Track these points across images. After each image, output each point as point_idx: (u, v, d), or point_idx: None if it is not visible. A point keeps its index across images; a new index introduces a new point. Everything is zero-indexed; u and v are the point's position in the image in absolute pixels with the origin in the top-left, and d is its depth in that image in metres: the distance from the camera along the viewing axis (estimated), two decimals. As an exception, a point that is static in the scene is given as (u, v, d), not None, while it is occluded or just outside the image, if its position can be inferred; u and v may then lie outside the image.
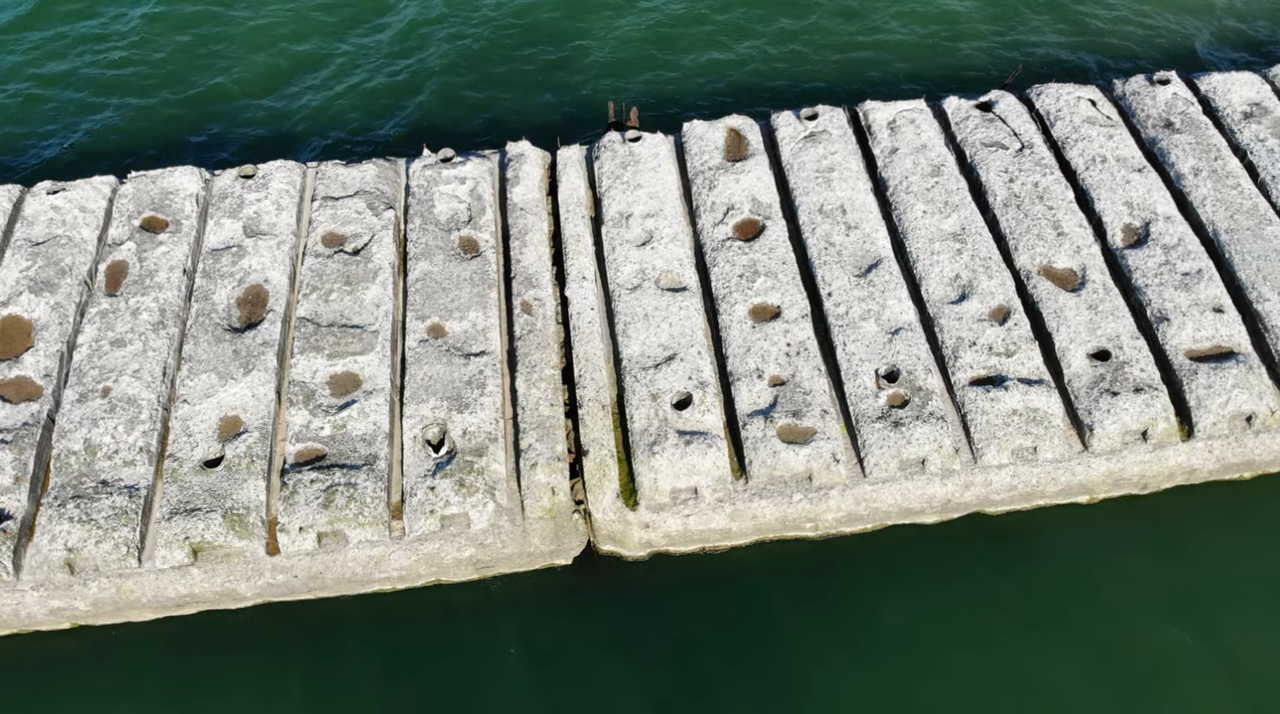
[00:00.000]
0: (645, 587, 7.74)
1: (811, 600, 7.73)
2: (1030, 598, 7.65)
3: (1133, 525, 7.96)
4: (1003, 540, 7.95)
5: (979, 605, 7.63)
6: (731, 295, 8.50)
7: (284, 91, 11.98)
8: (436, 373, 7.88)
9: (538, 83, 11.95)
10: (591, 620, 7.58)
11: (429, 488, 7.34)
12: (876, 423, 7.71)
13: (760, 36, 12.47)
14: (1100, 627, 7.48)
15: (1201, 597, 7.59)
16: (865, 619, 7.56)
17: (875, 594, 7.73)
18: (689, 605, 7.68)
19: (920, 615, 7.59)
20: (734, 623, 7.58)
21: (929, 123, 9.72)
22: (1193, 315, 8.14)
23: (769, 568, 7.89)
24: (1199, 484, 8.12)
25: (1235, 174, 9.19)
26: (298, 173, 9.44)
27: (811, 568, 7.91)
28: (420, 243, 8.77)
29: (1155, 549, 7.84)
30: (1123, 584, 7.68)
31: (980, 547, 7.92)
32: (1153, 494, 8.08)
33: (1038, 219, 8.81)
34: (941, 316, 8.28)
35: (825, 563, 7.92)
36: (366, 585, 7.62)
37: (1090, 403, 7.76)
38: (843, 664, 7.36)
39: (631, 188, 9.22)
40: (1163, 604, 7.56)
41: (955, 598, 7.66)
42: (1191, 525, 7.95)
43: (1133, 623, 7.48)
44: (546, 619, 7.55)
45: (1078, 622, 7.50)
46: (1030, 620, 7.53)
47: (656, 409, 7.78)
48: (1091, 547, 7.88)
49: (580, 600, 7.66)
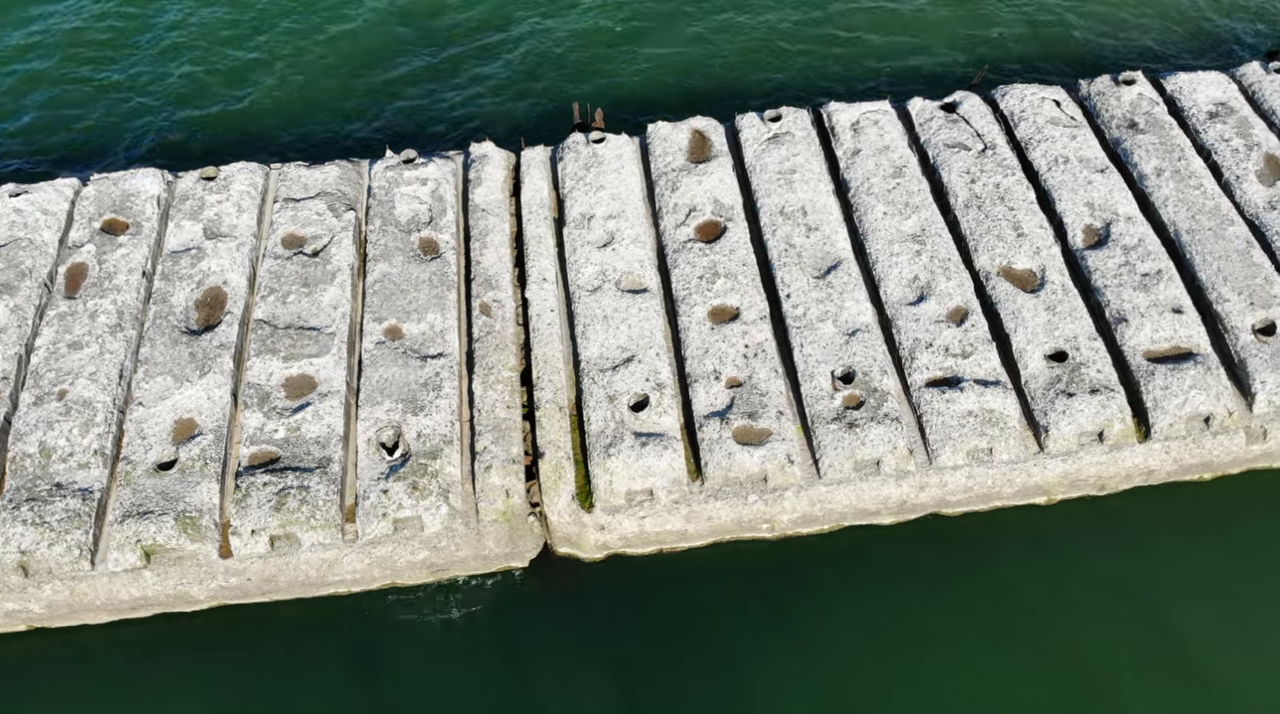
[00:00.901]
0: (602, 589, 7.73)
1: (769, 602, 7.71)
2: (988, 600, 7.63)
3: (1091, 527, 7.95)
4: (960, 542, 7.94)
5: (936, 607, 7.61)
6: (691, 297, 8.48)
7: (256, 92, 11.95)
8: (392, 375, 7.86)
9: (509, 83, 11.93)
10: (547, 623, 7.56)
11: (382, 491, 7.32)
12: (831, 424, 7.70)
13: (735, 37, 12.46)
14: (1058, 628, 7.46)
15: (1158, 599, 7.57)
16: (823, 621, 7.55)
17: (833, 596, 7.72)
18: (645, 608, 7.66)
19: (878, 617, 7.57)
20: (691, 625, 7.57)
21: (893, 124, 9.71)
22: (1151, 316, 8.13)
23: (726, 570, 7.88)
24: (1157, 485, 8.11)
25: (1198, 174, 9.18)
26: (260, 174, 9.42)
27: (769, 569, 7.89)
28: (380, 244, 8.76)
29: (1113, 551, 7.83)
30: (1080, 586, 7.66)
31: (937, 548, 7.91)
32: (1111, 495, 8.07)
33: (998, 220, 8.80)
34: (899, 318, 8.27)
35: (782, 564, 7.91)
36: (321, 588, 7.59)
37: (1046, 404, 7.75)
38: (800, 666, 7.35)
39: (594, 189, 9.21)
40: (1120, 606, 7.55)
41: (912, 599, 7.65)
42: (1149, 527, 7.94)
43: (1090, 625, 7.47)
44: (501, 622, 7.53)
45: (1036, 623, 7.48)
46: (988, 622, 7.51)
47: (613, 411, 7.77)
48: (1049, 548, 7.87)
49: (536, 603, 7.64)
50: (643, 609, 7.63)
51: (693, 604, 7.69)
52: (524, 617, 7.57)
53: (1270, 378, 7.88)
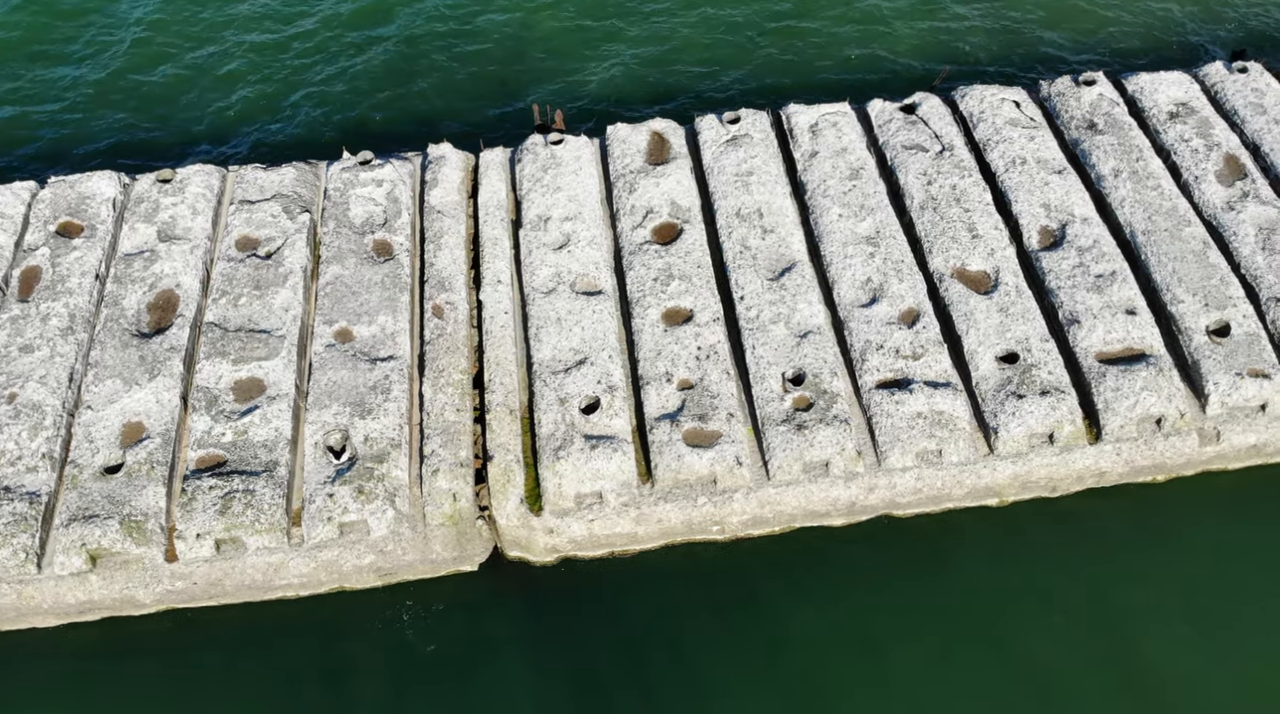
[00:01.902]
0: (552, 592, 7.70)
1: (721, 604, 7.69)
2: (939, 603, 7.61)
3: (1043, 529, 7.93)
4: (912, 543, 7.91)
5: (887, 608, 7.59)
6: (645, 299, 8.46)
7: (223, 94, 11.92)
8: (341, 378, 7.83)
9: (476, 84, 11.90)
10: (496, 627, 7.52)
11: (327, 495, 7.29)
12: (781, 426, 7.68)
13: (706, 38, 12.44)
14: (1010, 632, 7.43)
15: (1111, 603, 7.55)
16: (775, 623, 7.52)
17: (784, 597, 7.69)
18: (595, 611, 7.63)
19: (828, 618, 7.55)
20: (641, 627, 7.54)
21: (851, 126, 9.69)
22: (1104, 317, 8.12)
23: (677, 572, 7.85)
24: (1110, 487, 8.09)
25: (1156, 175, 9.17)
26: (216, 177, 9.39)
27: (720, 571, 7.87)
28: (333, 246, 8.73)
29: (1065, 554, 7.80)
30: (1032, 589, 7.64)
31: (889, 549, 7.89)
32: (1063, 497, 8.05)
33: (953, 222, 8.78)
34: (852, 320, 8.26)
35: (734, 566, 7.88)
36: (268, 592, 7.57)
37: (996, 406, 7.73)
38: (753, 668, 7.31)
39: (551, 191, 9.19)
40: (1072, 610, 7.52)
41: (863, 601, 7.62)
42: (1102, 530, 7.92)
43: (1043, 629, 7.44)
44: (449, 626, 7.50)
45: (987, 627, 7.45)
46: (939, 625, 7.48)
47: (564, 413, 7.74)
48: (1001, 551, 7.85)
49: (484, 607, 7.60)
50: (593, 612, 7.61)
51: (644, 607, 7.67)
52: (472, 621, 7.54)
53: (1223, 379, 7.86)
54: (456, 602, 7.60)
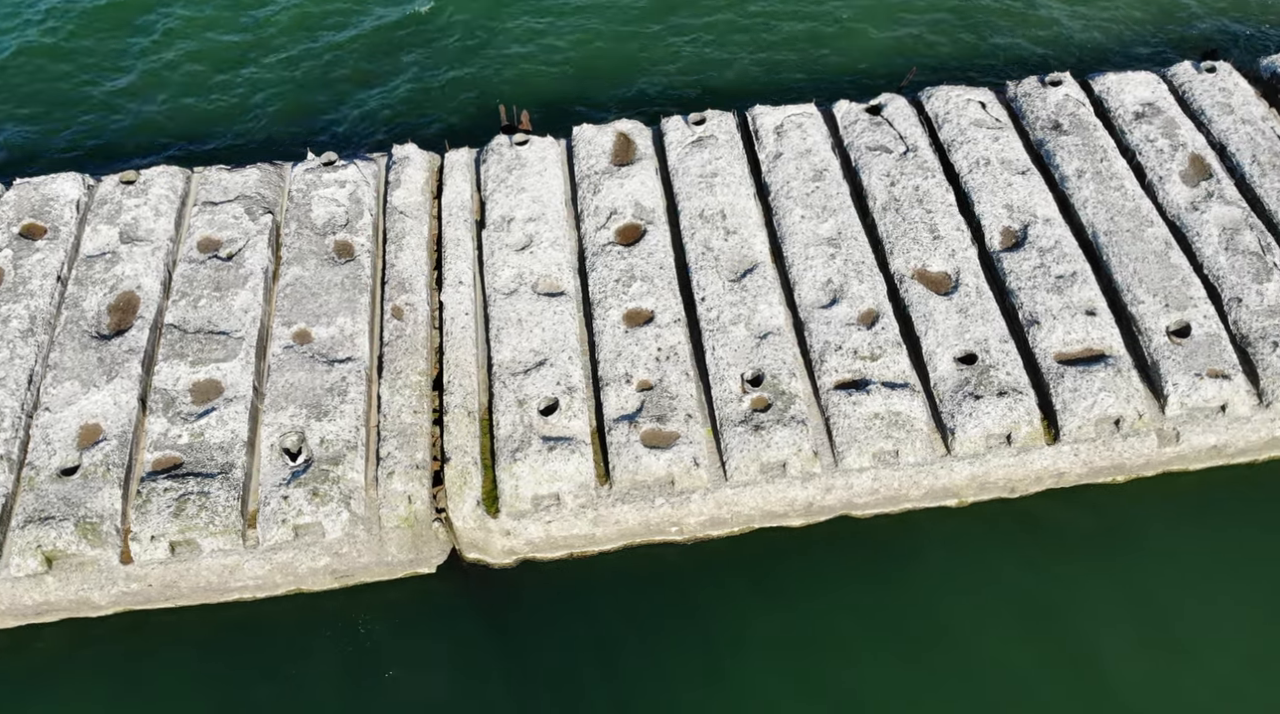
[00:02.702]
0: (510, 594, 7.69)
1: (680, 605, 7.68)
2: (897, 603, 7.61)
3: (1001, 530, 7.93)
4: (870, 544, 7.91)
5: (845, 610, 7.58)
6: (607, 300, 8.46)
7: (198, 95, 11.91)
8: (298, 380, 7.82)
9: (447, 85, 11.88)
10: (453, 629, 7.52)
11: (282, 497, 7.29)
12: (739, 427, 7.68)
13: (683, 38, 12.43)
14: (968, 634, 7.42)
15: (1067, 602, 7.54)
16: (734, 623, 7.51)
17: (744, 598, 7.69)
18: (553, 612, 7.62)
19: (788, 619, 7.54)
20: (599, 628, 7.53)
21: (817, 127, 9.69)
22: (1064, 318, 8.12)
23: (637, 573, 7.85)
24: (1070, 488, 8.09)
25: (1120, 175, 9.17)
26: (180, 178, 9.38)
27: (680, 572, 7.87)
28: (294, 247, 8.72)
29: (1024, 555, 7.81)
30: (990, 591, 7.64)
31: (848, 550, 7.88)
32: (1022, 498, 8.05)
33: (915, 223, 8.78)
34: (812, 321, 8.25)
35: (694, 567, 7.88)
36: (224, 594, 7.56)
37: (953, 406, 7.73)
38: (712, 667, 7.30)
39: (515, 191, 9.18)
40: (1031, 612, 7.51)
41: (822, 602, 7.62)
42: (1060, 530, 7.92)
43: (1001, 631, 7.43)
44: (406, 629, 7.49)
45: (945, 629, 7.44)
46: (897, 627, 7.48)
47: (522, 415, 7.74)
48: (960, 551, 7.85)
49: (442, 609, 7.60)
50: (550, 614, 7.60)
51: (603, 608, 7.66)
52: (429, 623, 7.54)
53: (1182, 380, 7.86)
54: (413, 604, 7.59)
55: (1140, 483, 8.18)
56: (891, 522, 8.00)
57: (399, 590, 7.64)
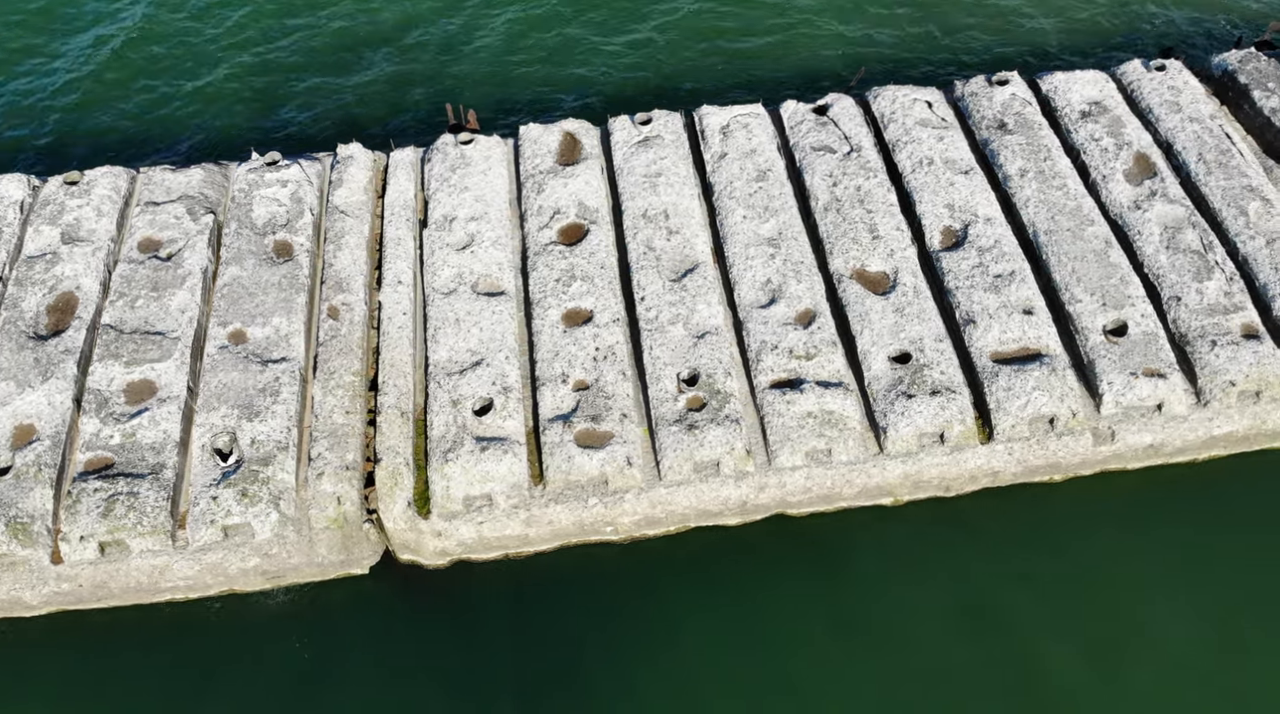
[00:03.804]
0: (443, 594, 7.68)
1: (616, 604, 7.67)
2: (832, 601, 7.60)
3: (937, 528, 7.93)
4: (806, 543, 7.91)
5: (780, 608, 7.57)
6: (546, 299, 8.45)
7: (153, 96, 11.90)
8: (231, 380, 7.81)
9: (399, 84, 11.88)
10: (385, 631, 7.50)
11: (211, 497, 7.28)
12: (673, 426, 7.68)
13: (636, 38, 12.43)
14: (902, 632, 7.42)
15: (999, 601, 7.54)
16: (670, 622, 7.50)
17: (680, 597, 7.68)
18: (487, 612, 7.62)
19: (722, 618, 7.53)
20: (534, 628, 7.52)
21: (763, 127, 9.68)
22: (1000, 317, 8.12)
23: (573, 573, 7.84)
24: (1006, 486, 8.09)
25: (1063, 174, 9.17)
26: (124, 178, 9.36)
27: (617, 572, 7.86)
28: (234, 247, 8.71)
29: (957, 552, 7.80)
30: (922, 589, 7.64)
31: (782, 549, 7.88)
32: (958, 496, 8.05)
33: (855, 223, 8.78)
34: (750, 320, 8.25)
35: (631, 566, 7.87)
36: (156, 595, 7.55)
37: (886, 405, 7.73)
38: (648, 666, 7.29)
39: (458, 191, 9.18)
40: (961, 610, 7.52)
41: (757, 600, 7.61)
42: (994, 528, 7.92)
43: (933, 628, 7.43)
44: (338, 630, 7.48)
45: (880, 626, 7.44)
46: (833, 624, 7.47)
47: (456, 415, 7.73)
48: (895, 551, 7.85)
49: (374, 611, 7.59)
50: (484, 614, 7.59)
51: (538, 608, 7.65)
52: (360, 623, 7.53)
53: (1118, 379, 7.87)
54: (345, 605, 7.58)
55: (1078, 482, 8.18)
56: (827, 520, 8.00)
57: (332, 591, 7.63)
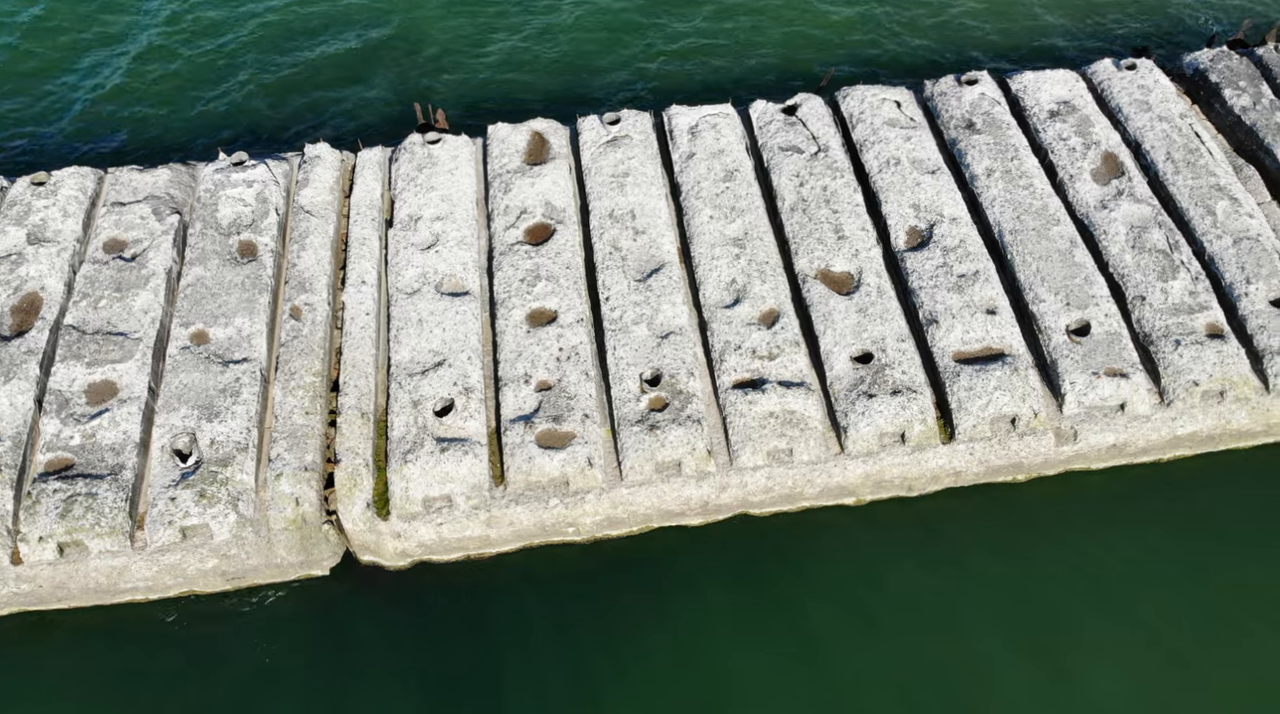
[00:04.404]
0: (403, 595, 7.67)
1: (578, 604, 7.66)
2: (791, 601, 7.59)
3: (898, 528, 7.93)
4: (768, 543, 7.90)
5: (740, 609, 7.57)
6: (510, 299, 8.44)
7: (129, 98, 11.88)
8: (192, 381, 7.80)
9: (373, 83, 11.86)
10: (343, 630, 7.49)
11: (170, 498, 7.27)
12: (635, 426, 7.67)
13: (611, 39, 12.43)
14: (860, 633, 7.42)
15: (960, 602, 7.54)
16: (631, 622, 7.49)
17: (642, 598, 7.67)
18: (446, 613, 7.60)
19: (682, 619, 7.53)
20: (495, 628, 7.51)
21: (732, 127, 9.67)
22: (963, 317, 8.12)
23: (535, 573, 7.83)
24: (969, 486, 8.09)
25: (1029, 174, 9.17)
26: (91, 179, 9.35)
27: (579, 572, 7.85)
28: (198, 248, 8.70)
29: (919, 555, 7.79)
30: (883, 588, 7.63)
31: (744, 549, 7.87)
32: (922, 497, 8.05)
33: (821, 223, 8.78)
34: (714, 320, 8.25)
35: (593, 567, 7.86)
36: (115, 596, 7.53)
37: (847, 405, 7.73)
38: (610, 666, 7.28)
39: (425, 190, 9.16)
40: (922, 609, 7.51)
41: (718, 601, 7.61)
42: (956, 528, 7.91)
43: (892, 629, 7.42)
44: (295, 630, 7.46)
45: (838, 627, 7.43)
46: (791, 625, 7.46)
47: (416, 416, 7.72)
48: (856, 550, 7.84)
49: (333, 610, 7.58)
50: (444, 615, 7.58)
51: (500, 609, 7.64)
52: (320, 625, 7.51)
53: (1080, 378, 7.87)
54: (305, 606, 7.57)
55: (1042, 482, 8.18)
56: (790, 520, 7.99)
57: (292, 592, 7.62)
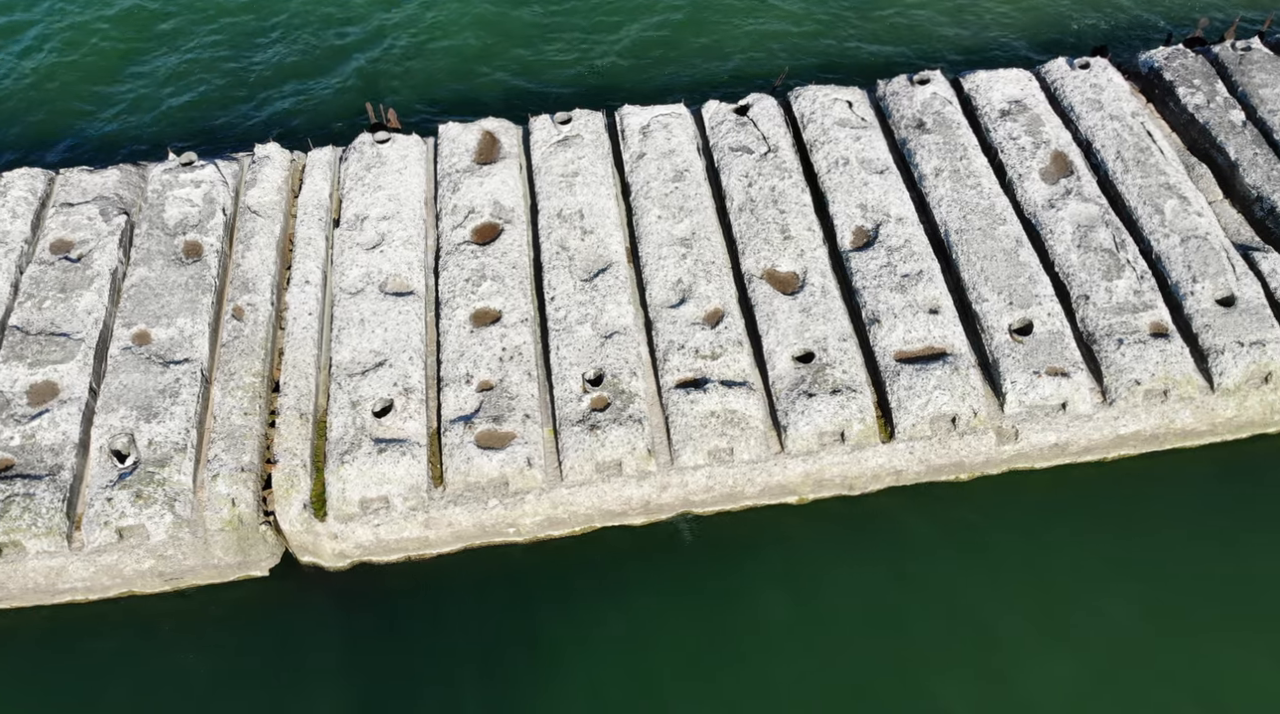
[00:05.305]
0: (343, 597, 7.67)
1: (521, 606, 7.66)
2: (731, 601, 7.60)
3: (839, 527, 7.94)
4: (711, 542, 7.91)
5: (681, 608, 7.58)
6: (455, 299, 8.44)
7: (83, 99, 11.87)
8: (132, 381, 7.79)
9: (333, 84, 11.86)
10: (282, 632, 7.49)
11: (106, 499, 7.26)
12: (576, 426, 7.68)
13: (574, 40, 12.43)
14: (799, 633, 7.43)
15: (898, 602, 7.55)
16: (573, 622, 7.50)
17: (584, 598, 7.68)
18: (389, 614, 7.60)
19: (624, 618, 7.54)
20: (437, 631, 7.51)
21: (684, 127, 9.68)
22: (905, 317, 8.13)
23: (478, 575, 7.83)
24: (912, 486, 8.11)
25: (977, 173, 9.18)
26: (41, 180, 9.33)
27: (522, 573, 7.85)
28: (143, 248, 8.69)
29: (858, 552, 7.82)
30: (823, 588, 7.65)
31: (687, 549, 7.88)
32: (863, 496, 8.06)
33: (768, 223, 8.78)
34: (659, 320, 8.25)
35: (536, 568, 7.87)
36: (55, 596, 7.53)
37: (788, 404, 7.74)
38: (555, 667, 7.28)
39: (372, 189, 9.16)
40: (861, 609, 7.53)
41: (659, 600, 7.62)
42: (898, 528, 7.93)
43: (833, 629, 7.44)
44: (235, 631, 7.47)
45: (776, 627, 7.45)
46: (729, 624, 7.48)
47: (355, 416, 7.72)
48: (797, 549, 7.86)
49: (272, 612, 7.58)
50: (383, 616, 7.58)
51: (440, 610, 7.64)
52: (258, 626, 7.51)
53: (1020, 377, 7.88)
54: (243, 607, 7.57)
55: (985, 482, 8.19)
56: (733, 519, 8.00)
57: (232, 593, 7.62)
